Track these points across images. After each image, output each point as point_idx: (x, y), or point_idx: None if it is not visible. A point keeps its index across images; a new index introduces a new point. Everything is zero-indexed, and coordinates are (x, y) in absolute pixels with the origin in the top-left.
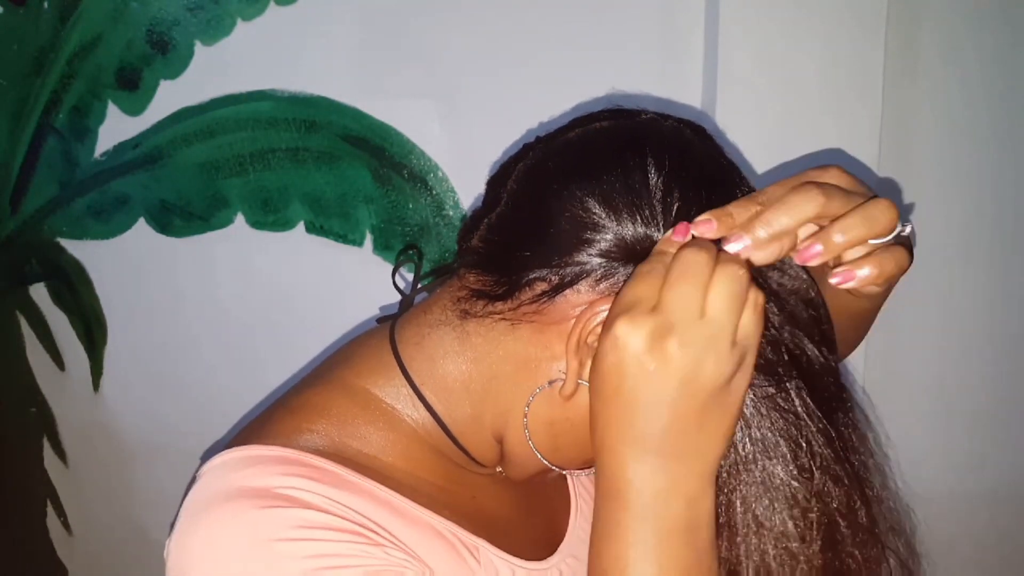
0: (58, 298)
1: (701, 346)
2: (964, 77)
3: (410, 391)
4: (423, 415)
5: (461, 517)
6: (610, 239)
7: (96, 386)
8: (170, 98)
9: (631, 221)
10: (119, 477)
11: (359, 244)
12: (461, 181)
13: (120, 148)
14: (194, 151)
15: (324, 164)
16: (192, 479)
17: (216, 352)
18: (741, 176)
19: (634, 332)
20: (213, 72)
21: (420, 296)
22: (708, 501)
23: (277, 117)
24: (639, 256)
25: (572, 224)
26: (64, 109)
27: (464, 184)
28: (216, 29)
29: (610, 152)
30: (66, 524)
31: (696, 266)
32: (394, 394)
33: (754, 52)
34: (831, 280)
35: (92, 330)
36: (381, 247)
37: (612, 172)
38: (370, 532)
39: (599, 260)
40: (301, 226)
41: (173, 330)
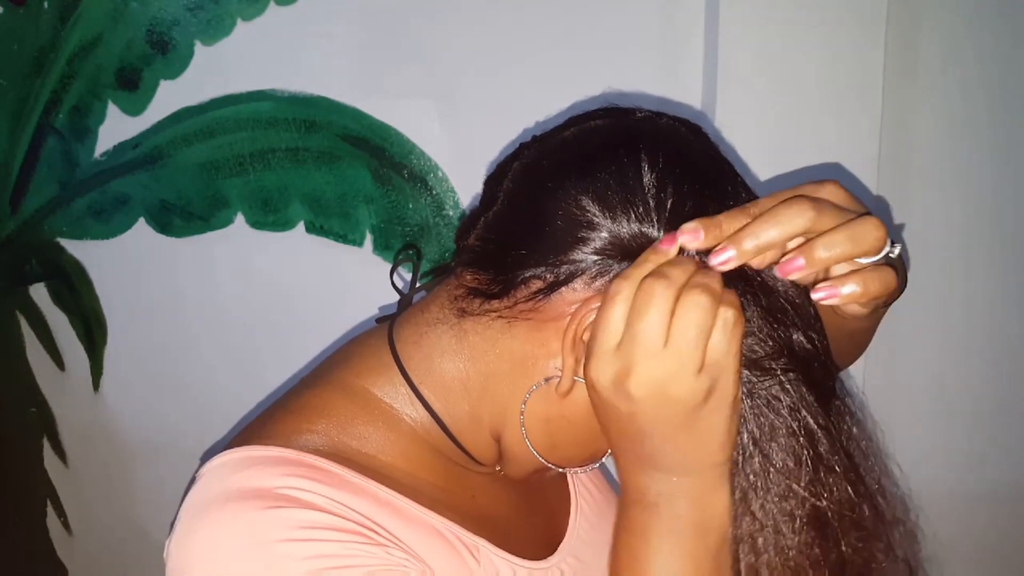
0: (58, 298)
1: (662, 379)
2: (964, 77)
3: (408, 390)
4: (422, 414)
5: (461, 517)
6: (605, 237)
7: (96, 386)
8: (170, 98)
9: (626, 218)
10: (119, 477)
11: (359, 244)
12: (461, 181)
13: (120, 148)
14: (194, 151)
15: (324, 164)
16: (192, 480)
17: (216, 352)
18: (736, 173)
19: (601, 377)
20: (213, 72)
21: (419, 295)
22: (719, 503)
23: (277, 117)
24: (634, 253)
25: (567, 222)
26: (64, 109)
27: (464, 184)
28: (216, 29)
29: (605, 150)
30: (66, 524)
31: (658, 298)
32: (393, 393)
33: (754, 52)
34: (813, 296)
35: (92, 330)
36: (381, 247)
37: (606, 170)
38: (371, 532)
39: (594, 258)
40: (301, 226)
41: (173, 330)
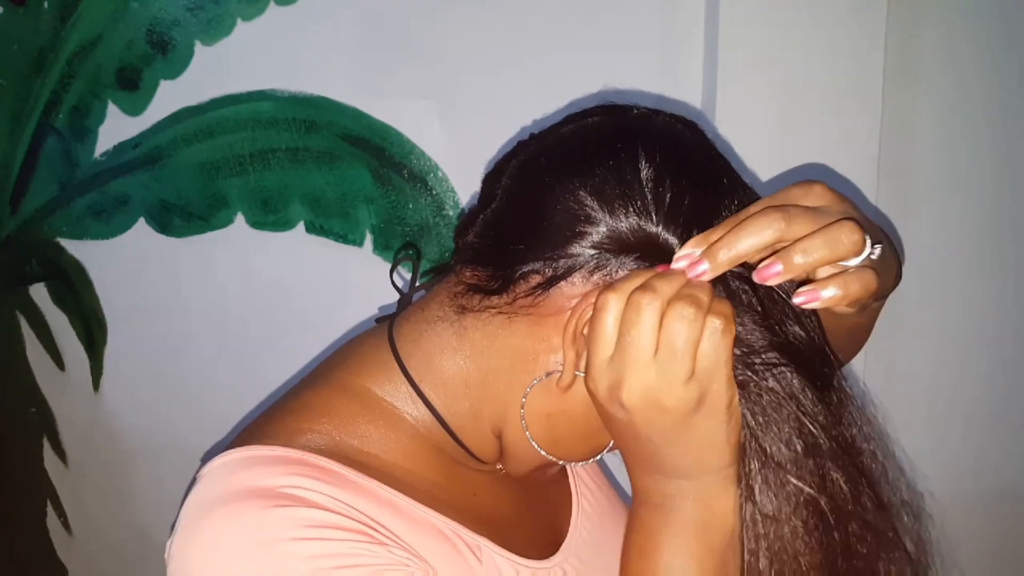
0: (58, 298)
1: (653, 388)
2: (964, 77)
3: (409, 388)
4: (423, 412)
5: (463, 515)
6: (603, 231)
7: (96, 386)
8: (170, 98)
9: (624, 212)
10: (119, 477)
11: (359, 244)
12: (461, 181)
13: (120, 148)
14: (194, 151)
15: (324, 164)
16: (193, 480)
17: (216, 352)
18: (731, 167)
19: (597, 388)
20: (213, 72)
21: (418, 295)
22: (724, 505)
23: (277, 117)
24: (632, 247)
25: (565, 217)
26: (64, 109)
27: (464, 184)
28: (216, 29)
29: (602, 146)
30: (66, 524)
31: (645, 311)
32: (394, 392)
33: (754, 52)
34: (795, 300)
35: (92, 330)
36: (381, 247)
37: (604, 165)
38: (374, 531)
39: (592, 252)
40: (301, 226)
41: (173, 330)
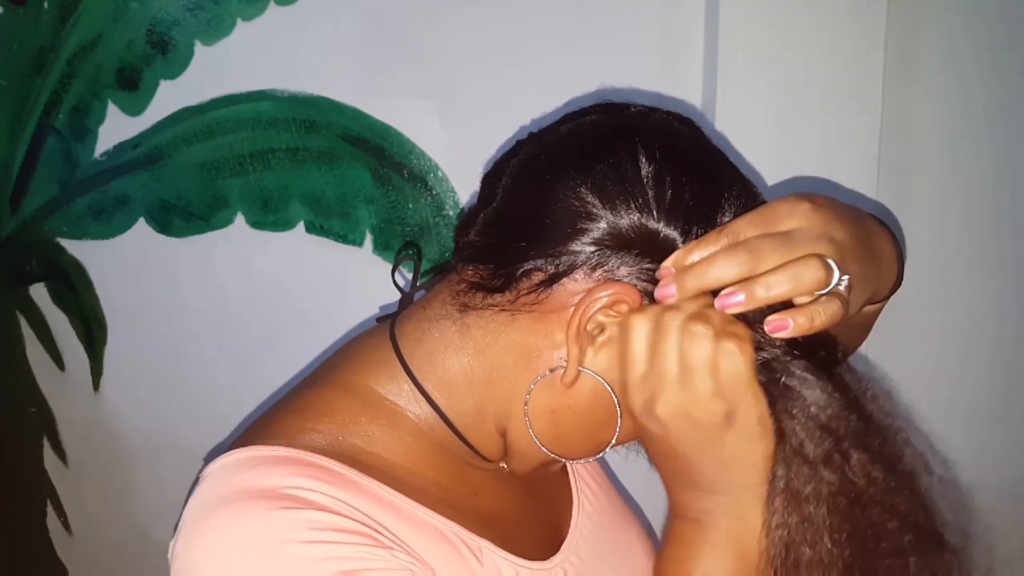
0: (58, 298)
1: (684, 402)
2: (964, 77)
3: (412, 387)
4: (426, 410)
5: (464, 516)
6: (604, 227)
7: (96, 386)
8: (170, 98)
9: (624, 209)
10: (119, 477)
11: (359, 244)
12: (461, 181)
13: (120, 148)
14: (194, 151)
15: (324, 164)
16: (196, 480)
17: (216, 352)
18: (729, 162)
19: (635, 404)
20: (213, 72)
21: (419, 294)
22: (758, 521)
23: (277, 117)
24: (633, 243)
25: (566, 214)
26: (64, 109)
27: (464, 184)
28: (216, 29)
29: (601, 143)
30: (66, 524)
31: (670, 329)
32: (396, 391)
33: (754, 52)
34: (765, 327)
35: (92, 330)
36: (381, 247)
37: (604, 162)
38: (376, 534)
39: (594, 248)
40: (301, 226)
41: (173, 330)
